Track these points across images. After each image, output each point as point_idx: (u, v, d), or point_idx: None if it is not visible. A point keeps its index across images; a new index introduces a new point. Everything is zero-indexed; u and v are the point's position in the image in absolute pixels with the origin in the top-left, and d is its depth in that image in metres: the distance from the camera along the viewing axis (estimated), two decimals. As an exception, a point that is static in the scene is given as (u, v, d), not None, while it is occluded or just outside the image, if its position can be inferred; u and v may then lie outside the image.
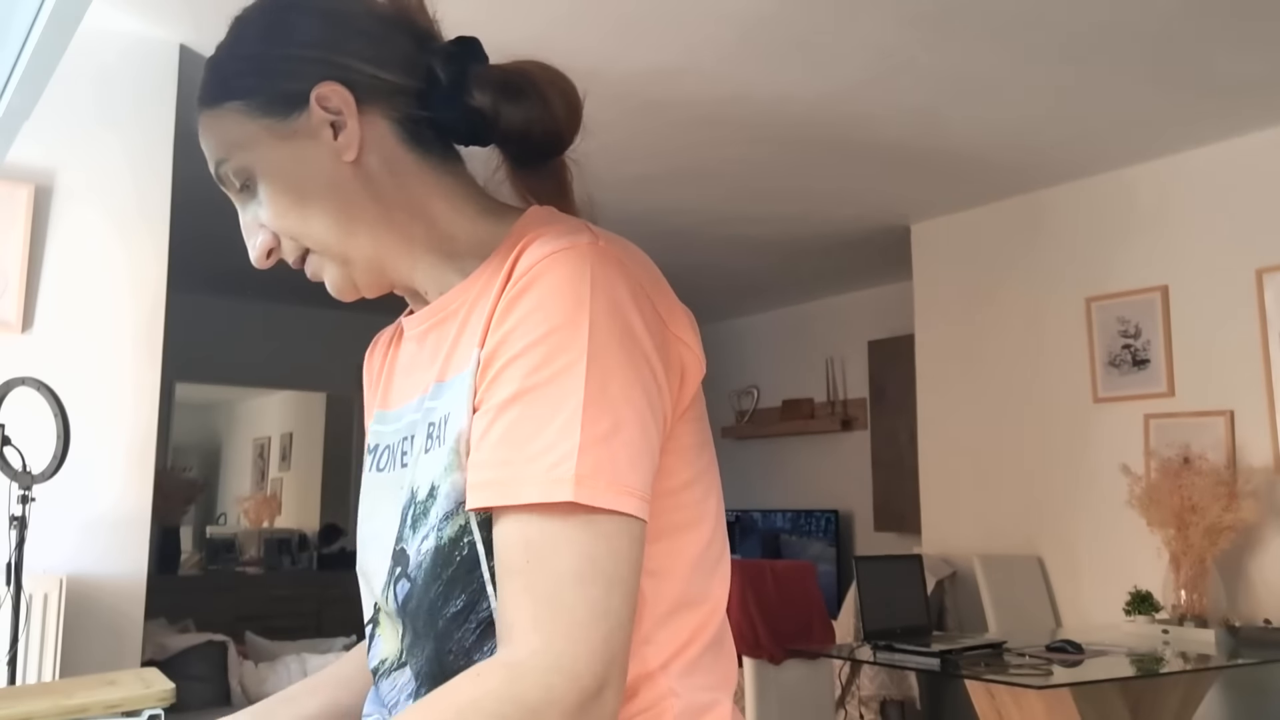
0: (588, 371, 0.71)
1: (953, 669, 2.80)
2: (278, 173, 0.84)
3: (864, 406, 5.95)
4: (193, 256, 5.05)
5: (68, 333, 2.70)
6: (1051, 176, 4.16)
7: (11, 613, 2.15)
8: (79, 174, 2.75)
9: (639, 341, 0.74)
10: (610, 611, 0.69)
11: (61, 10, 0.73)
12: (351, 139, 0.83)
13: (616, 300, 0.74)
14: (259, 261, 0.88)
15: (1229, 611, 3.47)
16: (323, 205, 0.83)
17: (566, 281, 0.73)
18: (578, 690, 0.66)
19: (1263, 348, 3.57)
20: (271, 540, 6.64)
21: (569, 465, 0.69)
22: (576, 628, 0.67)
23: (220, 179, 0.87)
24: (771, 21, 2.84)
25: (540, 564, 0.69)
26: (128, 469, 2.75)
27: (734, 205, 4.51)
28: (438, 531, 0.77)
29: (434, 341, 0.86)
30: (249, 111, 0.83)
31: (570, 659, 0.67)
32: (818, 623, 3.57)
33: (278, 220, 0.85)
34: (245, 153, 0.84)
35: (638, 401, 0.73)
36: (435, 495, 0.78)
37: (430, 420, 0.82)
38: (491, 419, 0.73)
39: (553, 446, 0.70)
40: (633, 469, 0.71)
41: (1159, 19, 2.82)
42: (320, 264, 0.87)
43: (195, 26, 2.89)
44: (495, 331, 0.76)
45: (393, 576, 0.82)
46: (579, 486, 0.69)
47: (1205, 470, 3.47)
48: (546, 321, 0.72)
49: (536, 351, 0.72)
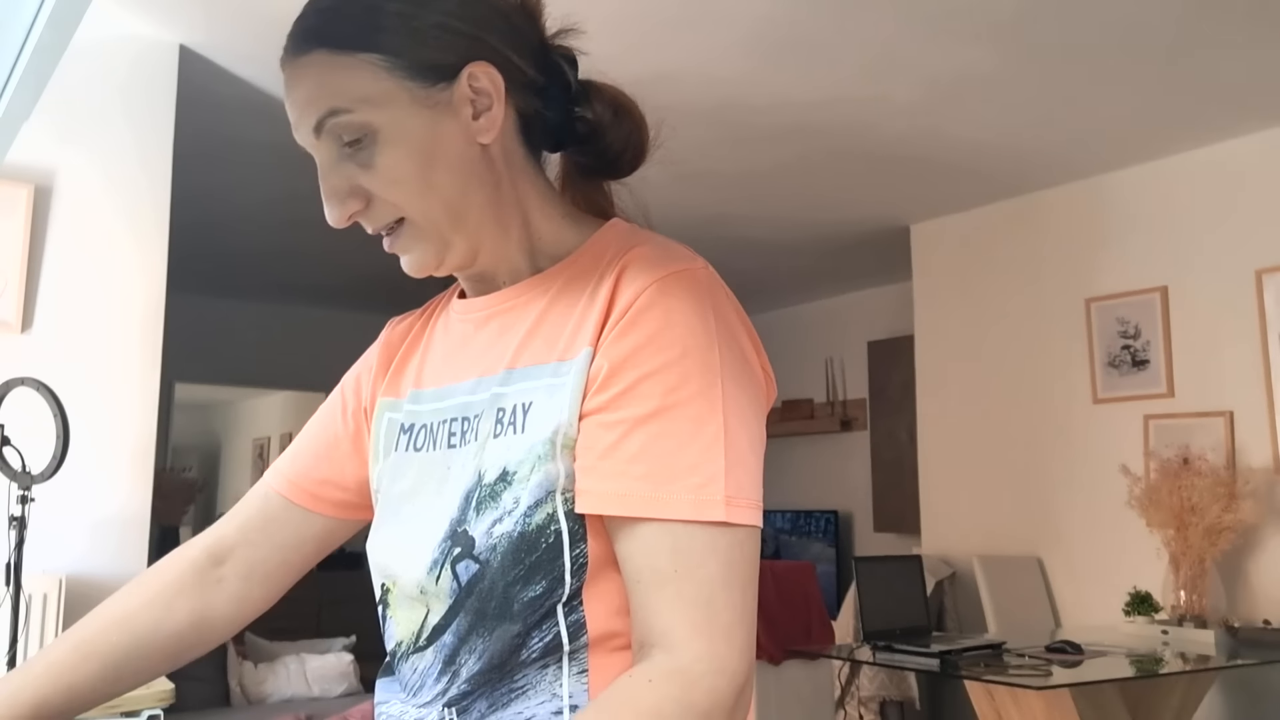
0: (724, 394, 0.76)
1: (952, 669, 2.80)
2: (407, 139, 0.80)
3: (864, 407, 5.95)
4: (193, 257, 5.05)
5: (68, 333, 2.70)
6: (1051, 177, 4.16)
7: (11, 613, 2.15)
8: (79, 174, 2.75)
9: (752, 367, 0.81)
10: (748, 612, 0.74)
11: (61, 10, 0.73)
12: (494, 123, 0.83)
13: (733, 326, 0.80)
14: (339, 222, 0.83)
15: (1228, 612, 3.47)
16: (446, 181, 0.82)
17: (694, 304, 0.77)
18: (734, 690, 0.71)
19: (1262, 348, 3.57)
20: (271, 540, 6.63)
21: (718, 486, 0.74)
22: (729, 631, 0.72)
23: (320, 128, 0.81)
24: (771, 22, 2.84)
25: (690, 572, 0.73)
26: (127, 469, 2.75)
27: (734, 206, 4.51)
28: (524, 518, 0.78)
29: (498, 328, 0.87)
30: (390, 69, 0.80)
31: (728, 661, 0.71)
32: (817, 623, 3.58)
33: (390, 187, 0.81)
34: (374, 110, 0.79)
35: (755, 424, 0.79)
36: (511, 481, 0.79)
37: (500, 406, 0.82)
38: (627, 430, 0.76)
39: (698, 466, 0.74)
40: (756, 485, 0.78)
41: (1159, 19, 2.82)
42: (412, 239, 0.83)
43: (195, 26, 2.88)
44: (620, 342, 0.77)
45: (449, 557, 0.81)
46: (729, 507, 0.74)
47: (1205, 471, 3.47)
48: (681, 342, 0.76)
49: (675, 371, 0.76)
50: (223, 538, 0.99)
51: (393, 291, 0.87)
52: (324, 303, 6.38)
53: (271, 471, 1.02)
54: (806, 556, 5.92)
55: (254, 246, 5.18)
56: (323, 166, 0.82)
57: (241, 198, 4.39)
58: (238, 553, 0.98)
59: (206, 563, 0.97)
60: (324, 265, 5.55)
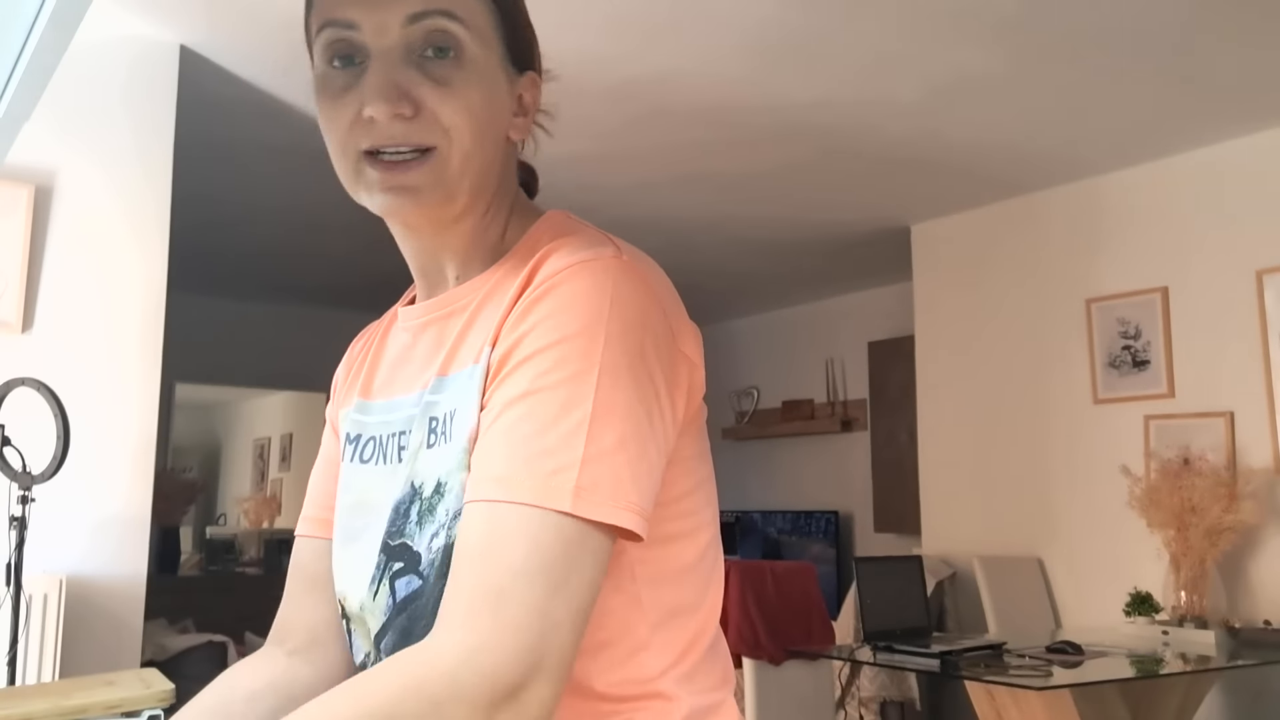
0: (598, 384, 0.71)
1: (952, 670, 2.80)
2: (488, 85, 0.81)
3: (864, 407, 5.95)
4: (193, 257, 5.05)
5: (68, 333, 2.70)
6: (1052, 177, 4.16)
7: (11, 613, 2.15)
8: (79, 174, 2.75)
9: (650, 361, 0.75)
10: (548, 613, 0.66)
11: (61, 10, 0.73)
12: (526, 129, 0.87)
13: (633, 317, 0.74)
14: (385, 116, 0.76)
15: (1229, 613, 3.47)
16: (490, 144, 0.82)
17: (587, 293, 0.74)
18: (488, 688, 0.64)
19: (1263, 349, 3.57)
20: (271, 541, 6.63)
21: (570, 475, 0.69)
22: (511, 626, 0.65)
23: (420, 18, 0.77)
24: (771, 23, 2.84)
25: (493, 555, 0.68)
26: (128, 469, 2.75)
27: (734, 207, 4.51)
28: (448, 530, 0.76)
29: (434, 335, 0.86)
30: (498, 26, 0.82)
31: (491, 657, 0.65)
32: (818, 623, 3.57)
33: (457, 113, 0.78)
34: (478, 42, 0.80)
35: (641, 420, 0.73)
36: (443, 492, 0.78)
37: (432, 415, 0.82)
38: (496, 414, 0.73)
39: (554, 452, 0.70)
40: (634, 484, 0.71)
41: (1159, 19, 2.82)
42: (431, 172, 0.78)
43: (195, 27, 2.88)
44: (510, 333, 0.76)
45: (386, 572, 0.81)
46: (577, 498, 0.68)
47: (1205, 471, 3.47)
48: (562, 329, 0.73)
49: (548, 355, 0.72)
50: (282, 623, 0.97)
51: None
52: (324, 303, 6.38)
53: (298, 525, 1.01)
54: (807, 557, 5.92)
55: (255, 247, 5.18)
56: (386, 54, 0.77)
57: (242, 198, 4.39)
58: (296, 622, 0.96)
59: (276, 647, 0.96)
60: (325, 266, 5.55)
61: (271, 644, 0.96)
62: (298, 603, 0.96)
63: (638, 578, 0.78)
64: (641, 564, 0.78)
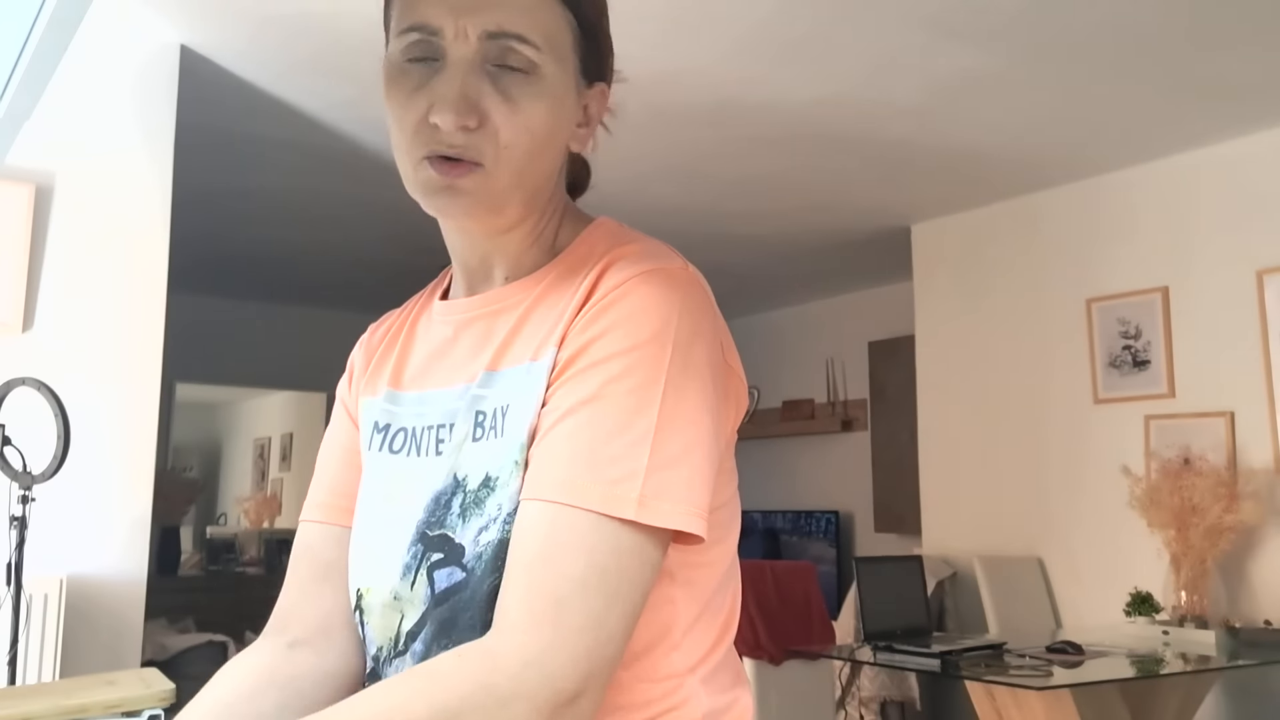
0: (664, 393, 0.74)
1: (953, 670, 2.80)
2: (555, 105, 0.81)
3: (864, 407, 5.95)
4: (193, 257, 5.05)
5: (68, 333, 2.70)
6: (1051, 177, 4.16)
7: (11, 613, 2.15)
8: (79, 174, 2.75)
9: (712, 372, 0.78)
10: (604, 624, 0.69)
11: (61, 10, 0.73)
12: (587, 139, 0.88)
13: (698, 329, 0.77)
14: (453, 126, 0.77)
15: (1229, 613, 3.47)
16: (548, 159, 0.83)
17: (657, 302, 0.76)
18: (550, 690, 0.67)
19: (1263, 349, 3.57)
20: (271, 540, 6.63)
21: (635, 484, 0.71)
22: (573, 634, 0.69)
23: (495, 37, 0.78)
24: (771, 22, 2.84)
25: (554, 563, 0.70)
26: (128, 469, 2.75)
27: (734, 206, 4.51)
28: (504, 525, 0.77)
29: (481, 331, 0.86)
30: (575, 43, 0.83)
31: (553, 662, 0.68)
32: (818, 623, 3.57)
33: (519, 133, 0.79)
34: (552, 61, 0.81)
35: (704, 429, 0.76)
36: (494, 486, 0.78)
37: (479, 409, 0.82)
38: (559, 417, 0.75)
39: (619, 460, 0.72)
40: (696, 489, 0.74)
41: (1159, 20, 2.82)
42: (480, 184, 0.79)
43: (195, 27, 2.89)
44: (579, 335, 0.77)
45: (424, 562, 0.81)
46: (641, 507, 0.71)
47: (1206, 471, 3.47)
48: (633, 336, 0.75)
49: (619, 361, 0.74)
50: (284, 612, 0.93)
51: (395, 292, 0.86)
52: (324, 303, 6.38)
53: (304, 510, 0.98)
54: (807, 556, 5.91)
55: (255, 247, 5.18)
56: (461, 62, 0.79)
57: (243, 198, 4.39)
58: (304, 611, 0.93)
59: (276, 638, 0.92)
60: (325, 265, 5.55)
61: (270, 635, 0.93)
62: (305, 591, 0.94)
63: (676, 580, 0.80)
64: (682, 568, 0.80)
